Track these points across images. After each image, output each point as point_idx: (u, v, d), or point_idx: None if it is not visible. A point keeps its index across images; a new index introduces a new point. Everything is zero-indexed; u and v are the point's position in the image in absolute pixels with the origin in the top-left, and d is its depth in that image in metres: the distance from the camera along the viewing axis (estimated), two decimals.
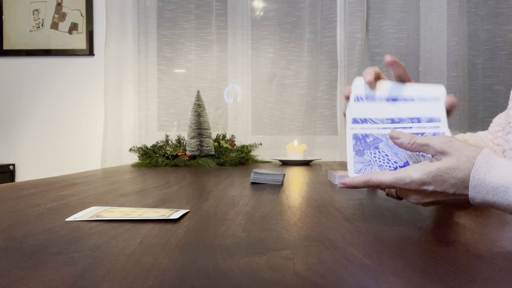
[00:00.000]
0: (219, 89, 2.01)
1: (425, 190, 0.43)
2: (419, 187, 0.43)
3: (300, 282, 0.27)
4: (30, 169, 2.08)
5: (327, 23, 1.99)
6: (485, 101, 1.92)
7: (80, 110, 2.08)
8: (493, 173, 0.41)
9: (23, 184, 0.86)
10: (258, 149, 1.86)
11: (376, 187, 0.47)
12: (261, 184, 0.88)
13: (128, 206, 0.59)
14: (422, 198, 0.45)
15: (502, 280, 0.28)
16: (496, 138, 0.76)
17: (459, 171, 0.42)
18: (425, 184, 0.43)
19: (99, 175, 1.10)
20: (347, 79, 1.90)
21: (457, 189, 0.42)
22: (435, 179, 0.42)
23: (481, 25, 1.92)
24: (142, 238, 0.39)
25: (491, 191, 0.40)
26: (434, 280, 0.28)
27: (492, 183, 0.40)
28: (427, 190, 0.43)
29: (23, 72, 2.09)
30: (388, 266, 0.31)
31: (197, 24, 2.00)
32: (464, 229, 0.44)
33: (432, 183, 0.43)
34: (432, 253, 0.34)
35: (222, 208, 0.57)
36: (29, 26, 2.07)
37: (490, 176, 0.41)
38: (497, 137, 0.76)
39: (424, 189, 0.43)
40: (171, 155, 1.59)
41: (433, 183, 0.43)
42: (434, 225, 0.47)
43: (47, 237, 0.40)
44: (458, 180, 0.42)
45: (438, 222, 0.49)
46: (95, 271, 0.29)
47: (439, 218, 0.51)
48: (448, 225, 0.47)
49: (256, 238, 0.40)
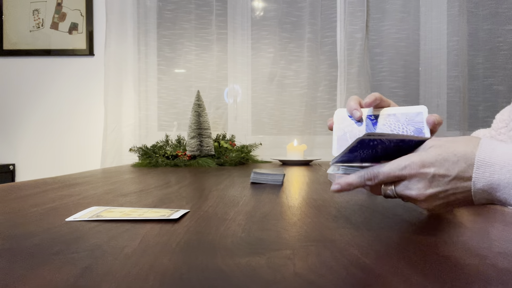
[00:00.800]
0: (219, 89, 2.01)
1: (426, 173, 0.40)
2: (419, 170, 0.40)
3: (300, 282, 0.27)
4: (30, 169, 2.08)
5: (327, 23, 1.99)
6: (485, 101, 1.92)
7: (80, 110, 2.08)
8: (499, 152, 0.39)
9: (23, 184, 0.86)
10: (258, 149, 1.86)
11: (373, 180, 0.43)
12: (261, 184, 0.88)
13: (128, 206, 0.59)
14: (425, 189, 0.41)
15: (503, 280, 0.28)
16: (500, 135, 0.76)
17: (462, 149, 0.40)
18: (425, 165, 0.40)
19: (99, 175, 1.10)
20: (347, 79, 1.90)
21: (460, 168, 0.39)
22: (436, 159, 0.40)
23: (481, 25, 1.92)
24: (142, 238, 0.39)
25: (497, 170, 0.38)
26: (434, 280, 0.28)
27: (498, 161, 0.38)
28: (427, 174, 0.40)
29: (23, 72, 2.09)
30: (388, 266, 0.31)
31: (197, 24, 2.00)
32: (464, 229, 0.44)
33: (433, 163, 0.40)
34: (432, 253, 0.34)
35: (222, 208, 0.57)
36: (29, 26, 2.07)
37: (496, 154, 0.39)
38: (501, 133, 0.75)
39: (424, 172, 0.40)
40: (171, 155, 1.59)
41: (434, 163, 0.40)
42: (434, 225, 0.47)
43: (47, 237, 0.39)
44: (461, 157, 0.39)
45: (438, 222, 0.49)
46: (95, 271, 0.29)
47: (439, 218, 0.51)
48: (448, 225, 0.47)
49: (256, 238, 0.40)
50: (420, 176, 0.41)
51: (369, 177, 0.43)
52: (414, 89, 1.97)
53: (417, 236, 0.41)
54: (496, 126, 0.77)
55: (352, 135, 0.50)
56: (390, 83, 1.95)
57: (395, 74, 1.95)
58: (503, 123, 0.75)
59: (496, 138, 0.76)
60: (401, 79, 1.95)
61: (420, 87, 1.98)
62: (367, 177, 0.43)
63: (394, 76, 1.95)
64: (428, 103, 1.96)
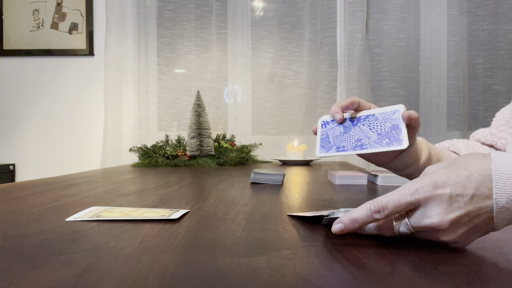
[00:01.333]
0: (219, 89, 2.01)
1: (442, 194, 0.35)
2: (433, 192, 0.35)
3: (300, 282, 0.27)
4: (30, 169, 2.08)
5: (327, 23, 1.99)
6: (485, 101, 1.92)
7: (80, 110, 2.08)
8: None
9: (23, 184, 0.86)
10: (258, 149, 1.86)
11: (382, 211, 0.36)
12: (261, 184, 0.88)
13: (128, 206, 0.59)
14: (446, 213, 0.34)
15: (503, 281, 0.28)
16: (500, 132, 0.76)
17: (471, 161, 0.36)
18: (439, 186, 0.35)
19: (99, 175, 1.10)
20: (347, 79, 1.90)
21: (477, 183, 0.34)
22: (448, 176, 0.35)
23: (481, 25, 1.92)
24: (142, 238, 0.39)
25: None
26: (434, 280, 0.28)
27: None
28: (444, 195, 0.34)
29: (23, 72, 2.09)
30: (388, 266, 0.31)
31: (197, 24, 2.00)
32: None
33: (446, 182, 0.35)
34: (432, 253, 0.34)
35: (222, 208, 0.57)
36: (29, 26, 2.07)
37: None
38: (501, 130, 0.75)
39: (440, 193, 0.35)
40: (171, 155, 1.59)
41: (448, 181, 0.35)
42: None
43: (47, 237, 0.39)
44: (474, 170, 0.35)
45: None
46: (95, 271, 0.29)
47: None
48: None
49: (256, 238, 0.40)
50: (436, 198, 0.35)
51: (376, 209, 0.36)
52: (414, 89, 1.97)
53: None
54: (496, 124, 0.77)
55: (333, 136, 0.52)
56: (390, 83, 1.95)
57: (395, 74, 1.95)
58: (503, 121, 0.75)
59: (496, 136, 0.76)
60: (401, 79, 1.95)
61: (420, 87, 1.98)
62: (375, 209, 0.36)
63: (394, 76, 1.95)
64: (428, 103, 1.96)
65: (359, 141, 0.49)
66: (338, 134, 0.51)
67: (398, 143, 0.48)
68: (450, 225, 0.34)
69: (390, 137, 0.49)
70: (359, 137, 0.49)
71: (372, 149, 0.48)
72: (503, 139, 0.74)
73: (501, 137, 0.75)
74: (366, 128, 0.51)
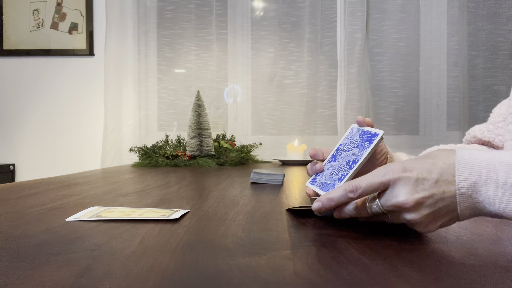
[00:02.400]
0: (219, 89, 2.01)
1: (409, 176, 0.38)
2: (402, 174, 0.38)
3: (300, 282, 0.27)
4: (30, 169, 2.08)
5: (327, 23, 1.99)
6: (485, 101, 1.92)
7: (80, 110, 2.08)
8: (476, 155, 0.38)
9: (23, 184, 0.86)
10: (258, 149, 1.86)
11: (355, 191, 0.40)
12: (261, 184, 0.88)
13: (128, 206, 0.59)
14: (411, 193, 0.37)
15: (503, 280, 0.28)
16: (497, 129, 0.75)
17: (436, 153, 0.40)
18: (407, 169, 0.38)
19: (99, 175, 1.10)
20: (347, 79, 1.90)
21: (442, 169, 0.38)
22: (415, 163, 0.39)
23: (481, 25, 1.92)
24: (142, 238, 0.39)
25: (479, 171, 0.36)
26: (434, 280, 0.28)
27: (478, 163, 0.37)
28: (411, 177, 0.38)
29: (23, 72, 2.09)
30: (388, 266, 0.31)
31: (197, 24, 2.00)
32: (464, 229, 0.44)
33: (414, 167, 0.38)
34: (432, 253, 0.34)
35: (222, 208, 0.57)
36: (29, 26, 2.07)
37: (474, 157, 0.38)
38: (498, 127, 0.75)
39: (407, 176, 0.38)
40: (171, 155, 1.59)
41: (415, 167, 0.38)
42: None
43: (47, 237, 0.40)
44: (439, 159, 0.39)
45: None
46: (95, 271, 0.29)
47: None
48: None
49: (256, 238, 0.40)
50: (404, 180, 0.38)
51: (351, 189, 0.40)
52: (414, 89, 1.97)
53: (417, 236, 0.41)
54: (494, 120, 0.76)
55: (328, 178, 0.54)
56: (390, 83, 1.95)
57: (395, 74, 1.95)
58: (500, 117, 0.75)
59: (493, 132, 0.76)
60: (401, 79, 1.95)
61: (420, 87, 1.98)
62: (349, 189, 0.40)
63: (394, 76, 1.95)
64: (428, 103, 1.96)
65: (349, 162, 0.52)
66: (330, 174, 0.53)
67: (375, 136, 0.52)
68: (414, 204, 0.37)
69: (366, 140, 0.53)
70: (348, 160, 0.52)
71: (363, 156, 0.50)
72: (500, 135, 0.74)
73: (498, 133, 0.75)
74: (345, 153, 0.54)
